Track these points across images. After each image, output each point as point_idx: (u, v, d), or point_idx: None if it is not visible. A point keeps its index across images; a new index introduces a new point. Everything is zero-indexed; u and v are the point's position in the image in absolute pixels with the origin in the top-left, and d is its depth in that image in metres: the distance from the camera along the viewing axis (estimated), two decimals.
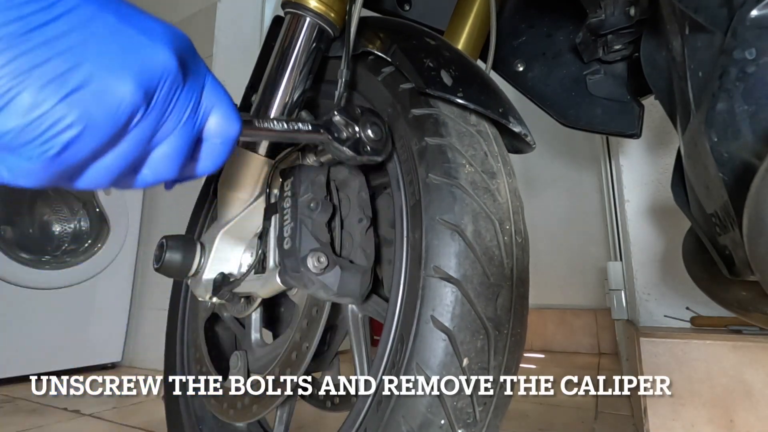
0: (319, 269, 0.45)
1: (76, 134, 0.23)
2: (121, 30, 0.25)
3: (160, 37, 0.26)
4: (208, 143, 0.31)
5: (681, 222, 0.95)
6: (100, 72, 0.23)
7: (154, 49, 0.25)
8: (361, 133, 0.44)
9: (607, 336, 2.09)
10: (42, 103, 0.22)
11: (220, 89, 0.30)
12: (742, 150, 0.36)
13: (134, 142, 0.26)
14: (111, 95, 0.23)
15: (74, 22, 0.23)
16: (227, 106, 0.30)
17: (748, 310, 0.50)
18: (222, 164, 0.32)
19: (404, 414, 0.38)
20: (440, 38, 0.54)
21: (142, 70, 0.25)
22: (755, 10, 0.35)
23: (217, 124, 0.30)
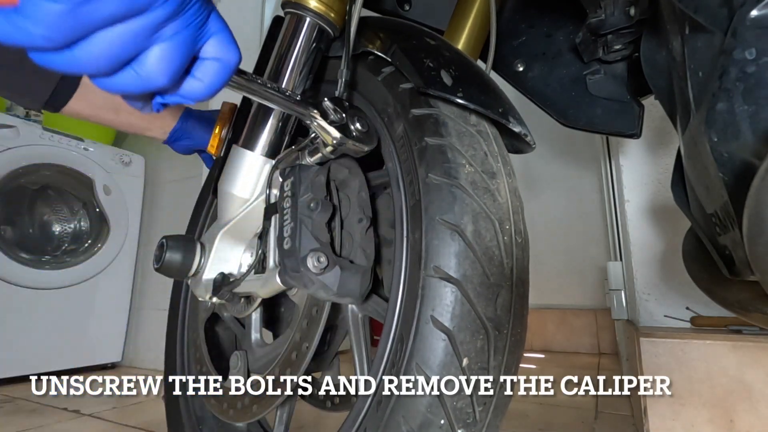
0: (319, 269, 0.45)
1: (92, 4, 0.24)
2: None
3: None
4: (207, 62, 0.32)
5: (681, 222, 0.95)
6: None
7: None
8: (349, 121, 0.46)
9: (607, 336, 2.09)
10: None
11: (223, 22, 0.32)
12: (742, 150, 0.36)
13: (146, 23, 0.27)
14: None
15: None
16: (229, 35, 0.32)
17: (748, 310, 0.50)
18: (214, 91, 0.33)
19: (404, 414, 0.38)
20: (440, 38, 0.54)
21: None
22: (755, 10, 0.35)
23: (219, 46, 0.31)
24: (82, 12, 0.25)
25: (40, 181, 1.80)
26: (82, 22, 0.25)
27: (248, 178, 0.57)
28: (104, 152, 1.93)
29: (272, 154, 0.58)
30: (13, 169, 1.64)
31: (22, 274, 1.64)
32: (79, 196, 1.90)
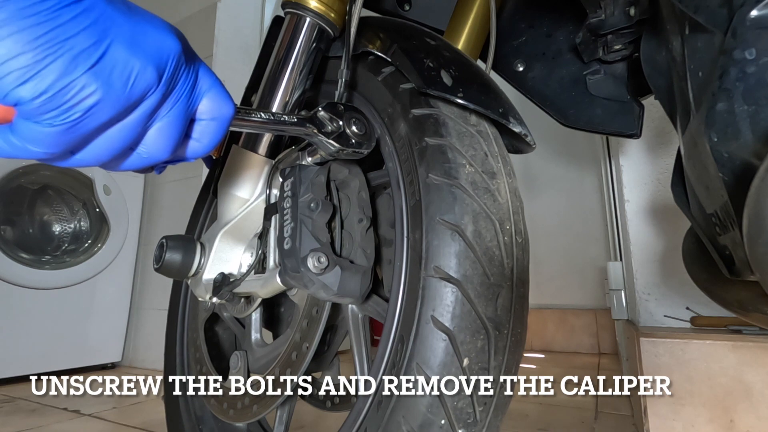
0: (319, 269, 0.45)
1: (96, 101, 0.25)
2: (133, 16, 0.27)
3: (164, 24, 0.29)
4: (203, 123, 0.32)
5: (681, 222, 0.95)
6: (120, 48, 0.25)
7: (163, 33, 0.28)
8: (346, 127, 0.46)
9: (607, 336, 2.09)
10: (72, 72, 0.24)
11: (212, 75, 0.32)
12: (742, 150, 0.36)
13: (141, 115, 0.28)
14: (130, 70, 0.26)
15: (97, 3, 0.25)
16: (220, 88, 0.32)
17: (748, 310, 0.50)
18: (214, 146, 0.34)
19: (404, 414, 0.38)
20: (440, 38, 0.54)
21: (155, 50, 0.27)
22: (755, 10, 0.35)
23: (212, 104, 0.32)
24: (76, 129, 0.25)
25: (39, 181, 1.80)
26: (78, 136, 0.26)
27: (248, 178, 0.57)
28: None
29: (272, 154, 0.58)
30: (13, 168, 1.64)
31: (22, 274, 1.64)
32: (79, 196, 1.90)
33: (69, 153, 0.27)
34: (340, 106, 0.46)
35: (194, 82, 0.30)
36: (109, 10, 0.25)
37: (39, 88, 0.23)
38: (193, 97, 0.31)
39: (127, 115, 0.27)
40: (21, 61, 0.22)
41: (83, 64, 0.24)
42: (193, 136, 0.33)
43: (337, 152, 0.46)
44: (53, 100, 0.24)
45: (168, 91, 0.28)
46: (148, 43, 0.27)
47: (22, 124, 0.25)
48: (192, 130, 0.32)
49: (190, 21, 2.11)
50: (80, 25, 0.24)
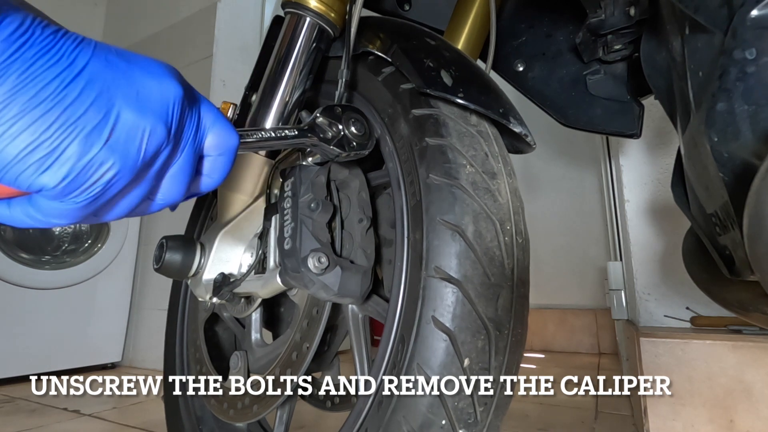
0: (319, 269, 0.45)
1: (114, 173, 0.25)
2: (131, 69, 0.26)
3: (161, 70, 0.28)
4: (211, 159, 0.32)
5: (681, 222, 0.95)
6: (129, 114, 0.25)
7: (164, 83, 0.27)
8: (345, 130, 0.46)
9: (607, 336, 2.09)
10: (88, 151, 0.23)
11: (213, 108, 0.32)
12: (742, 150, 0.36)
13: (155, 171, 0.28)
14: (141, 133, 0.25)
15: (94, 72, 0.24)
16: (223, 121, 0.32)
17: (748, 310, 0.50)
18: (225, 178, 0.34)
19: (405, 414, 0.38)
20: (440, 38, 0.54)
21: (161, 103, 0.26)
22: (755, 10, 0.35)
23: (217, 139, 0.31)
24: (97, 201, 0.25)
25: None
26: (96, 207, 0.26)
27: (248, 178, 0.57)
28: None
29: (272, 154, 0.58)
30: None
31: (22, 274, 1.64)
32: None
33: (90, 217, 0.27)
34: (338, 109, 0.46)
35: (198, 121, 0.30)
36: (109, 74, 0.25)
37: (59, 174, 0.23)
38: (199, 136, 0.30)
39: (142, 174, 0.27)
40: (39, 152, 0.22)
41: (98, 141, 0.24)
42: (204, 172, 0.32)
43: (340, 157, 0.46)
44: (74, 183, 0.24)
45: (177, 140, 0.28)
46: (152, 98, 0.26)
47: (43, 202, 0.25)
48: (202, 167, 0.32)
49: (190, 21, 2.11)
50: (87, 100, 0.23)
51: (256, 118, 0.58)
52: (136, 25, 2.37)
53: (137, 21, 2.38)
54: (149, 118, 0.26)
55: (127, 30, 2.41)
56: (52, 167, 0.23)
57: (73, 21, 2.29)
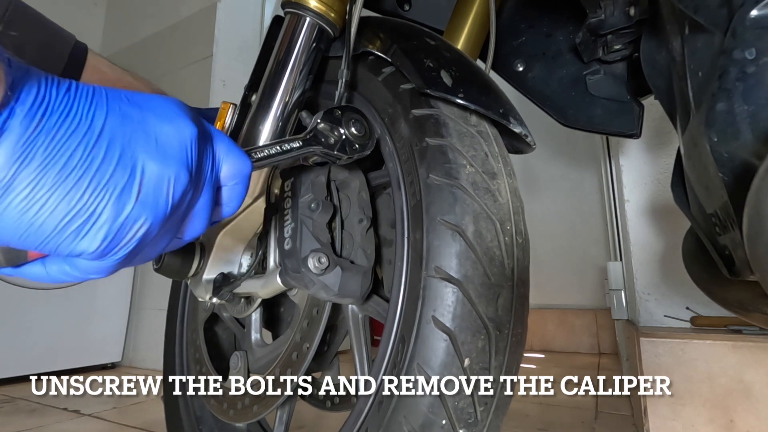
0: (319, 270, 0.45)
1: (147, 227, 0.25)
2: (147, 120, 0.26)
3: (173, 111, 0.28)
4: (228, 188, 0.32)
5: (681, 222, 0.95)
6: (153, 166, 0.25)
7: (178, 125, 0.27)
8: (346, 132, 0.46)
9: (607, 336, 2.09)
10: (121, 212, 0.24)
11: (224, 137, 0.32)
12: (742, 150, 0.36)
13: (180, 213, 0.28)
14: (167, 182, 0.25)
15: (114, 129, 0.24)
16: (235, 150, 0.32)
17: (748, 310, 0.50)
18: (242, 204, 0.34)
19: (405, 414, 0.38)
20: (440, 38, 0.54)
21: (180, 148, 0.26)
22: (755, 10, 0.35)
23: (231, 168, 0.31)
24: (132, 254, 0.26)
25: None
26: (132, 260, 0.27)
27: None
28: None
29: None
30: None
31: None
32: None
33: (125, 265, 0.28)
34: (337, 111, 0.46)
35: (213, 155, 0.30)
36: (127, 128, 0.25)
37: (98, 239, 0.23)
38: (216, 169, 0.30)
39: (171, 220, 0.27)
40: (75, 220, 0.22)
41: (129, 199, 0.24)
42: (222, 201, 0.32)
43: (344, 160, 0.46)
44: (111, 243, 0.24)
45: (198, 179, 0.28)
46: (171, 143, 0.26)
47: (81, 261, 0.25)
48: (219, 197, 0.32)
49: (190, 21, 2.11)
50: (113, 161, 0.23)
51: (256, 118, 0.58)
52: (136, 25, 2.37)
53: (137, 21, 2.38)
54: (172, 165, 0.26)
55: (127, 30, 2.41)
56: (89, 233, 0.23)
57: (73, 21, 2.28)
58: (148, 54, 2.25)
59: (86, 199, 0.22)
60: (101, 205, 0.23)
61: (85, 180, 0.22)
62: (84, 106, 0.23)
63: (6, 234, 0.22)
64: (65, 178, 0.22)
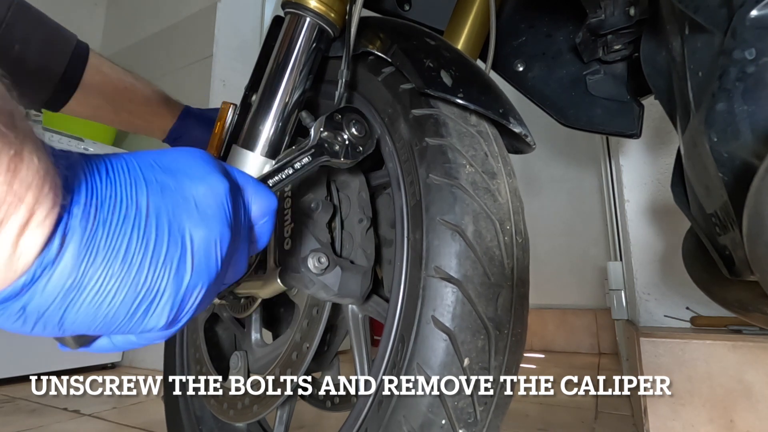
0: (319, 270, 0.45)
1: (205, 291, 0.25)
2: (182, 185, 0.26)
3: (204, 168, 0.28)
4: (259, 226, 0.32)
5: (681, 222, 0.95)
6: (199, 232, 0.25)
7: (211, 182, 0.27)
8: (349, 136, 0.46)
9: (607, 336, 2.09)
10: (180, 284, 0.24)
11: (247, 178, 0.32)
12: (742, 150, 0.36)
13: (226, 267, 0.28)
14: (214, 244, 0.26)
15: (157, 205, 0.24)
16: (260, 189, 0.32)
17: (748, 310, 0.50)
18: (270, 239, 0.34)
19: (405, 414, 0.38)
20: (440, 38, 0.54)
21: (218, 207, 0.26)
22: (755, 10, 0.35)
23: (260, 208, 0.32)
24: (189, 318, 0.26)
25: None
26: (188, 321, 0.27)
27: None
28: (104, 152, 1.92)
29: (272, 154, 0.58)
30: None
31: None
32: None
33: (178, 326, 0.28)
34: (337, 116, 0.46)
35: (244, 201, 0.30)
36: (168, 200, 0.25)
37: (164, 315, 0.24)
38: (248, 214, 0.31)
39: (219, 275, 0.27)
40: (143, 304, 0.23)
41: (185, 271, 0.24)
42: (254, 239, 0.33)
43: (350, 165, 0.46)
44: (176, 315, 0.25)
45: (236, 230, 0.28)
46: (209, 204, 0.26)
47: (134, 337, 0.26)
48: (252, 235, 0.32)
49: (190, 21, 2.11)
50: (164, 238, 0.24)
51: (257, 118, 0.58)
52: (136, 25, 2.37)
53: (137, 21, 2.38)
54: (215, 226, 0.26)
55: (127, 30, 2.41)
56: (156, 311, 0.23)
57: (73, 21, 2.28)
58: (148, 54, 2.25)
59: (150, 280, 0.23)
60: (163, 282, 0.23)
61: (145, 262, 0.23)
62: (126, 187, 0.23)
63: (81, 327, 0.22)
64: (128, 265, 0.22)
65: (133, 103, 0.76)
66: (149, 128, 0.81)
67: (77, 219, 0.21)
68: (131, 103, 0.76)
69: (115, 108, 0.76)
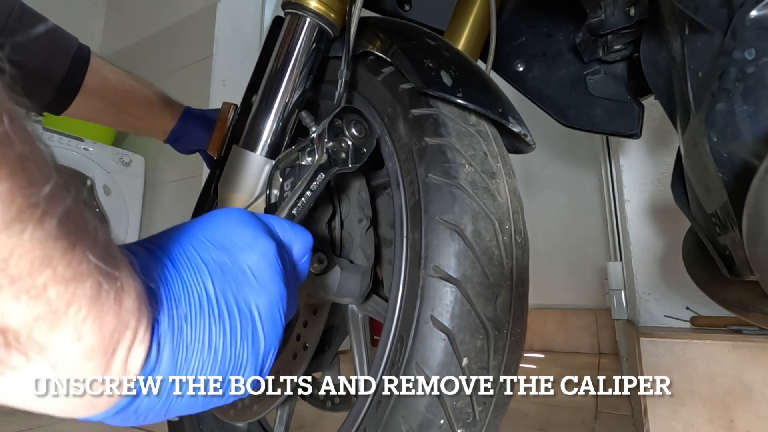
0: (319, 269, 0.45)
1: (275, 349, 0.27)
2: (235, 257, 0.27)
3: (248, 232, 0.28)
4: (300, 265, 0.34)
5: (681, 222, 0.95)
6: (263, 300, 0.26)
7: (260, 248, 0.28)
8: (351, 140, 0.46)
9: (607, 336, 2.09)
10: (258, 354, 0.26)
11: (283, 224, 0.32)
12: (742, 150, 0.36)
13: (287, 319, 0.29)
14: (278, 309, 0.27)
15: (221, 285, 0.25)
16: (296, 230, 0.33)
17: (748, 310, 0.50)
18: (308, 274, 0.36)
19: (404, 414, 0.38)
20: (440, 38, 0.54)
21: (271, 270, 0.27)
22: (755, 11, 0.35)
23: (299, 249, 0.33)
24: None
25: None
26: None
27: (248, 178, 0.57)
28: (104, 152, 1.93)
29: (272, 154, 0.58)
30: None
31: None
32: None
33: None
34: (337, 121, 0.46)
35: (286, 251, 0.31)
36: (229, 279, 0.25)
37: (248, 385, 0.26)
38: (291, 260, 0.32)
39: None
40: (232, 383, 0.25)
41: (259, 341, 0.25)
42: (298, 277, 0.34)
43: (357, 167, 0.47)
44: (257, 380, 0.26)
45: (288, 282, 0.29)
46: (264, 268, 0.27)
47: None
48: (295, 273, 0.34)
49: (190, 21, 2.11)
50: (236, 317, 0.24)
51: (257, 118, 0.58)
52: (136, 25, 2.37)
53: (137, 21, 2.38)
54: (274, 290, 0.27)
55: (127, 30, 2.41)
56: (242, 384, 0.25)
57: (73, 21, 2.28)
58: (148, 54, 2.25)
59: (233, 358, 0.24)
60: (244, 356, 0.25)
61: (227, 343, 0.24)
62: (193, 277, 0.24)
63: (182, 412, 0.24)
64: (214, 351, 0.24)
65: (134, 105, 0.76)
66: (150, 130, 0.81)
67: (165, 324, 0.22)
68: (132, 105, 0.76)
69: (116, 111, 0.76)
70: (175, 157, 1.22)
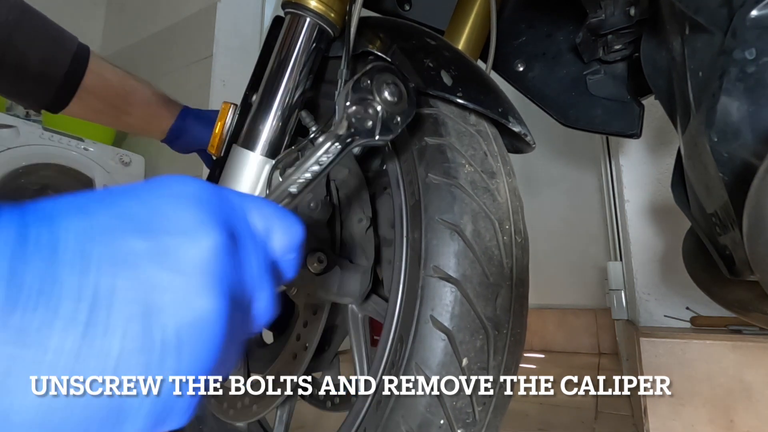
0: (319, 269, 0.45)
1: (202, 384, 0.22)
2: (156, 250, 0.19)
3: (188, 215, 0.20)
4: (286, 262, 0.26)
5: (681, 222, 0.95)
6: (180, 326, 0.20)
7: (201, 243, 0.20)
8: (382, 105, 0.37)
9: (607, 336, 2.09)
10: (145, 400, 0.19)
11: (261, 205, 0.25)
12: (742, 150, 0.36)
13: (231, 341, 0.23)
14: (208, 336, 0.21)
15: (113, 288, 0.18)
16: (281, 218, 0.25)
17: (748, 310, 0.50)
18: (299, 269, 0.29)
19: (404, 414, 0.38)
20: (440, 38, 0.54)
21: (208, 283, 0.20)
22: (755, 11, 0.35)
23: (282, 243, 0.25)
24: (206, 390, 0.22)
25: (40, 182, 1.80)
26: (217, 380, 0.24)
27: (248, 178, 0.57)
28: (104, 152, 1.92)
29: (272, 154, 0.58)
30: (13, 169, 1.64)
31: None
32: None
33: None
34: (365, 81, 0.37)
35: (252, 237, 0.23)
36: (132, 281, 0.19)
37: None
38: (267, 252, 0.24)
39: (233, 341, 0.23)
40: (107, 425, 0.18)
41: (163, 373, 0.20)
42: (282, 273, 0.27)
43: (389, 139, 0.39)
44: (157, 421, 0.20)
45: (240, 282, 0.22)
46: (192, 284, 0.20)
47: None
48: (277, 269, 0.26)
49: (190, 21, 2.11)
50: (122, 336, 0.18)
51: (257, 118, 0.58)
52: (135, 25, 2.37)
53: (137, 21, 2.38)
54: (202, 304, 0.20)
55: (127, 30, 2.41)
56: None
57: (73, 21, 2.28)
58: (148, 54, 2.25)
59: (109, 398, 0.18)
60: (127, 402, 0.18)
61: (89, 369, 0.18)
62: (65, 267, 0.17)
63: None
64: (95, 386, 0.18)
65: (133, 105, 0.76)
66: (149, 129, 0.81)
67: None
68: (131, 105, 0.76)
69: (115, 111, 0.76)
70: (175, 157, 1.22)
